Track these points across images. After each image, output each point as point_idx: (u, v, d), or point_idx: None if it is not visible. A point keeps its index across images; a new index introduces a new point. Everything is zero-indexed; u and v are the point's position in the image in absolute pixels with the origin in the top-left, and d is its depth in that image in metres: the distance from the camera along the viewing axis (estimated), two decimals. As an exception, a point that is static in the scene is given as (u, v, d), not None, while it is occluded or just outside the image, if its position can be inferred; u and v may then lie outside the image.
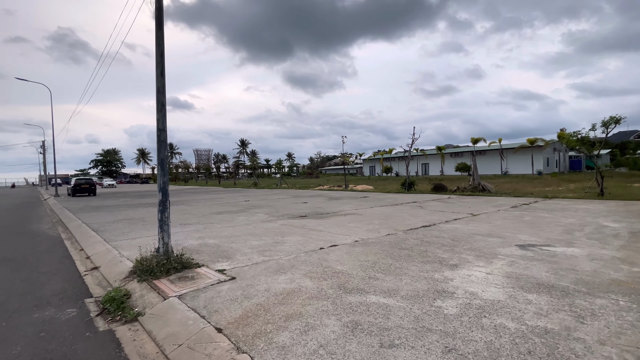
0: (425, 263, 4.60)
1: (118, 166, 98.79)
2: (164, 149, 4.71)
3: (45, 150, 43.85)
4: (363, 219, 9.01)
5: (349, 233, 7.00)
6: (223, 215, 10.73)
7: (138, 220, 9.97)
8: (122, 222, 9.78)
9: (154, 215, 11.22)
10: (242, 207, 13.38)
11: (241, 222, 9.20)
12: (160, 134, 4.67)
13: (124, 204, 16.60)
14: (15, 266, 5.45)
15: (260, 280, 4.00)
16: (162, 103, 4.69)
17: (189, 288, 3.76)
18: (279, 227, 8.00)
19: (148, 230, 8.18)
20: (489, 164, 45.23)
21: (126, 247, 6.18)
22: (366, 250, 5.38)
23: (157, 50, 4.70)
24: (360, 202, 14.14)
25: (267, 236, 6.88)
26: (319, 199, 16.56)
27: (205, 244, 6.22)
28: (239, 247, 5.91)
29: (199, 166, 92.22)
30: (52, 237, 8.53)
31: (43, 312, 3.51)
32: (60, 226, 10.39)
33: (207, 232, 7.56)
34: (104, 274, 4.89)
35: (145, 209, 13.56)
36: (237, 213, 11.38)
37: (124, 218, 10.69)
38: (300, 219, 9.39)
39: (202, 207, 14.18)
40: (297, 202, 15.08)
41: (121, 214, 11.87)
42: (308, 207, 12.87)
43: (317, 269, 4.37)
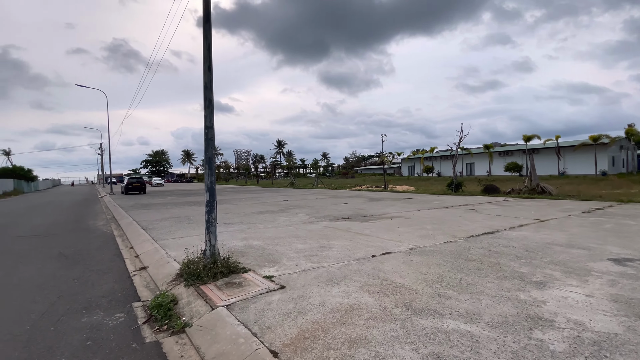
0: (503, 279, 3.91)
1: (165, 166, 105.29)
2: (211, 147, 4.48)
3: (103, 152, 47.64)
4: (413, 223, 8.32)
5: (400, 239, 6.41)
6: (264, 215, 10.59)
7: (184, 219, 10.12)
8: (169, 220, 9.98)
9: (199, 213, 11.39)
10: (282, 207, 13.22)
11: (283, 222, 8.94)
12: (207, 131, 4.45)
13: (170, 202, 17.25)
14: (69, 263, 5.56)
15: (312, 291, 3.59)
16: (210, 99, 4.47)
17: (238, 297, 3.45)
18: (322, 230, 7.60)
19: (194, 229, 8.19)
20: (544, 164, 41.50)
21: (173, 246, 6.12)
22: (426, 261, 4.77)
23: (205, 43, 4.49)
24: (405, 204, 13.35)
25: (311, 239, 6.50)
26: (359, 200, 15.99)
27: (249, 246, 5.98)
28: (284, 250, 5.58)
29: (239, 166, 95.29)
30: (105, 233, 8.86)
31: (91, 316, 3.38)
32: (113, 223, 10.86)
33: (250, 233, 7.37)
34: (151, 275, 4.79)
35: (190, 208, 13.89)
36: (278, 213, 11.19)
37: (171, 216, 10.93)
38: (344, 222, 8.92)
39: (243, 206, 14.25)
40: (337, 203, 14.64)
41: (168, 212, 12.21)
42: (349, 208, 12.37)
43: (374, 281, 3.87)
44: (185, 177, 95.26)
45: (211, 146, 4.50)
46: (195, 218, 10.27)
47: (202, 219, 10.43)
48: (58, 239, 7.92)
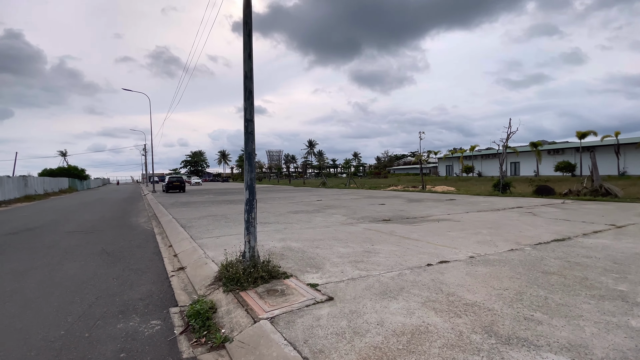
0: (600, 299, 3.17)
1: (203, 166, 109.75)
2: (251, 142, 4.14)
3: (146, 153, 50.41)
4: (464, 227, 7.54)
5: (455, 245, 5.72)
6: (300, 215, 10.25)
7: (221, 218, 10.05)
8: (206, 218, 9.95)
9: (235, 212, 11.32)
10: (316, 207, 12.84)
11: (319, 223, 8.52)
12: (247, 124, 4.12)
13: (208, 201, 17.54)
14: (110, 261, 5.52)
15: (365, 305, 3.10)
16: (250, 90, 4.13)
17: (281, 308, 3.05)
18: (364, 232, 7.07)
19: (230, 228, 8.02)
20: (601, 163, 37.63)
21: (211, 246, 5.91)
22: (494, 272, 4.10)
23: (245, 29, 4.16)
24: (449, 206, 12.42)
25: (353, 242, 6.00)
26: (396, 201, 15.21)
27: (288, 248, 5.61)
28: (325, 254, 5.14)
29: (271, 166, 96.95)
30: (146, 230, 8.97)
31: (127, 321, 3.14)
32: (154, 220, 11.07)
33: (288, 234, 7.02)
34: (189, 277, 4.55)
35: (227, 206, 13.94)
36: (313, 213, 10.81)
37: (208, 214, 10.94)
38: (385, 224, 8.32)
39: (278, 205, 14.06)
40: (374, 204, 13.99)
41: (206, 211, 12.29)
42: (388, 209, 11.70)
43: (437, 297, 3.30)
44: (221, 177, 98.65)
45: (251, 140, 4.16)
46: (232, 217, 10.17)
47: (239, 218, 10.32)
48: (102, 236, 8.09)
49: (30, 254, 6.11)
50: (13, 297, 3.86)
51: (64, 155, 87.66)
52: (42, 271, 4.94)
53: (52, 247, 6.68)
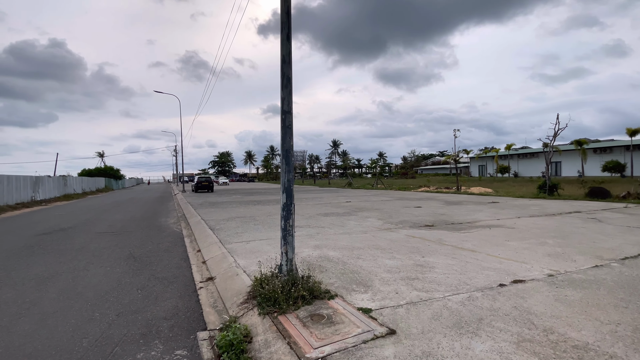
0: None
1: (230, 166, 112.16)
2: (289, 137, 3.56)
3: (177, 154, 51.92)
4: (524, 236, 6.60)
5: (522, 258, 4.86)
6: (331, 218, 9.62)
7: (249, 219, 9.64)
8: (235, 220, 9.58)
9: (263, 214, 10.90)
10: (347, 209, 12.16)
11: (354, 228, 7.85)
12: (285, 117, 3.55)
13: (235, 201, 17.36)
14: (137, 267, 5.15)
15: (440, 344, 2.41)
16: (288, 77, 3.56)
17: (332, 343, 2.43)
18: (407, 240, 6.33)
19: (260, 231, 7.54)
20: (657, 163, 34.28)
21: (241, 252, 5.42)
22: (591, 298, 3.26)
23: (283, 6, 3.59)
24: (495, 210, 11.33)
25: (399, 253, 5.29)
26: (433, 203, 14.22)
27: (326, 258, 4.99)
28: (370, 267, 4.47)
29: (295, 166, 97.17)
30: (174, 233, 8.69)
31: (149, 350, 2.65)
32: (183, 221, 10.87)
33: (322, 240, 6.42)
34: (219, 291, 4.05)
35: (254, 207, 13.60)
36: (345, 216, 10.15)
37: (237, 216, 10.59)
38: (429, 230, 7.52)
39: (305, 206, 13.52)
40: (408, 206, 13.11)
41: (234, 212, 11.97)
42: (427, 213, 10.82)
43: (532, 334, 2.55)
44: (247, 177, 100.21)
45: (289, 135, 3.58)
46: (261, 219, 9.72)
47: (268, 221, 9.86)
48: (131, 237, 7.87)
49: (58, 257, 5.90)
50: (31, 310, 3.51)
51: (102, 156, 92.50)
52: (66, 278, 4.64)
53: (80, 250, 6.47)
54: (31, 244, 7.21)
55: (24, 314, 3.40)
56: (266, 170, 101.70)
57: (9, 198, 17.10)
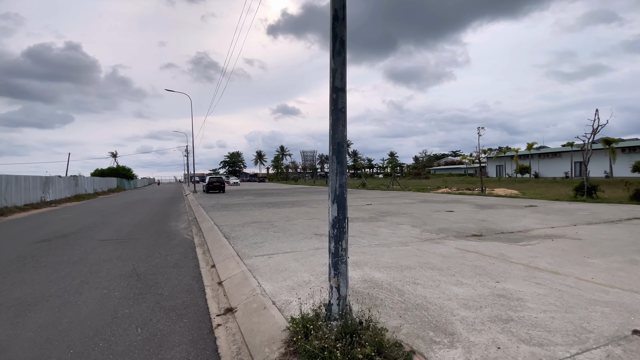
0: None
1: (240, 166, 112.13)
2: (342, 125, 2.56)
3: (188, 154, 51.65)
4: (601, 251, 5.44)
5: (627, 285, 3.75)
6: (358, 225, 8.59)
7: (267, 225, 8.67)
8: (251, 225, 8.63)
9: (281, 218, 9.93)
10: (371, 213, 11.10)
11: (390, 237, 6.81)
12: (336, 97, 2.54)
13: (248, 203, 16.47)
14: (139, 290, 4.22)
15: None
16: (342, 39, 2.55)
17: None
18: (463, 256, 5.25)
19: (281, 241, 6.56)
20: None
21: (265, 272, 4.44)
22: None
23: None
24: (539, 215, 10.11)
25: (462, 275, 4.23)
26: (464, 207, 13.03)
27: (373, 282, 3.97)
28: (437, 298, 3.43)
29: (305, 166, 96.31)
30: (185, 240, 7.79)
31: None
32: (194, 226, 9.99)
33: (358, 254, 5.39)
34: (243, 332, 3.06)
35: (270, 210, 12.65)
36: (372, 222, 9.09)
37: (253, 220, 9.65)
38: (480, 241, 6.42)
39: (324, 209, 12.52)
40: (439, 210, 11.97)
41: (249, 215, 11.05)
42: (463, 218, 9.68)
43: None
44: (258, 177, 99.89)
45: (342, 123, 2.57)
46: (280, 225, 8.75)
47: (288, 227, 8.86)
48: (137, 247, 7.00)
49: (50, 273, 5.03)
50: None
51: (114, 157, 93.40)
52: (52, 305, 3.74)
53: (77, 263, 5.60)
54: (25, 254, 6.39)
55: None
56: (276, 171, 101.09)
57: (17, 199, 16.59)
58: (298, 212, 12.00)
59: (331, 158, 2.61)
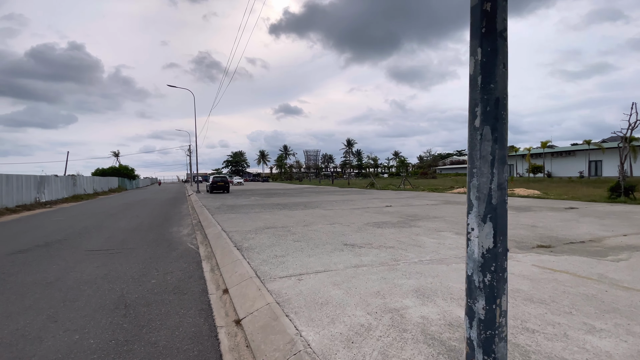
0: None
1: (243, 166, 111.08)
2: (503, 66, 1.31)
3: (191, 153, 50.57)
4: None
5: None
6: (390, 231, 7.34)
7: (284, 232, 7.43)
8: (265, 232, 7.40)
9: (296, 223, 8.68)
10: (397, 217, 9.84)
11: (441, 250, 5.56)
12: (493, 9, 1.29)
13: (256, 204, 15.25)
14: (125, 335, 3.00)
15: None
16: None
17: None
18: (553, 279, 4.00)
19: (306, 253, 5.32)
20: None
21: (299, 304, 3.20)
22: None
23: None
24: (595, 220, 8.82)
25: (586, 314, 2.99)
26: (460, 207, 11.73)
27: (461, 326, 2.72)
28: (584, 361, 2.18)
29: (310, 166, 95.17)
30: (188, 251, 6.58)
31: None
32: (199, 232, 8.78)
33: (414, 275, 4.14)
34: None
35: (282, 213, 11.41)
36: (406, 227, 7.84)
37: (265, 225, 8.42)
38: (555, 254, 5.15)
39: (342, 212, 11.25)
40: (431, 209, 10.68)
41: (259, 219, 9.82)
42: (509, 223, 8.40)
43: None
44: (261, 177, 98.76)
45: (502, 58, 1.32)
46: (298, 230, 7.51)
47: (309, 234, 7.52)
48: (130, 260, 5.79)
49: (11, 303, 3.83)
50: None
51: (117, 156, 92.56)
52: (-7, 363, 2.52)
53: (51, 286, 4.39)
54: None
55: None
56: (280, 170, 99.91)
57: (8, 200, 15.46)
58: (314, 215, 10.77)
59: (477, 130, 1.36)
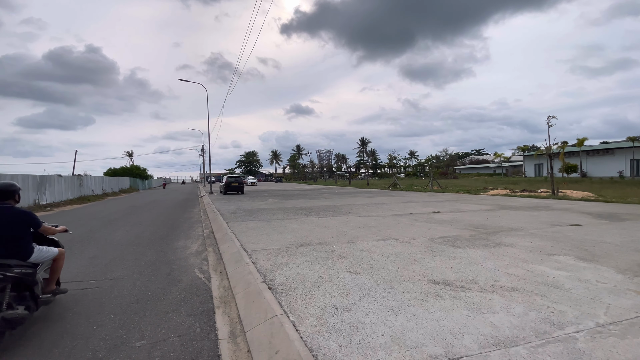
0: None
1: (256, 166, 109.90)
2: None
3: (205, 153, 49.17)
4: None
5: None
6: (478, 254, 5.14)
7: (327, 253, 5.31)
8: (300, 252, 5.32)
9: (336, 235, 6.55)
10: (463, 228, 7.60)
11: (601, 296, 3.35)
12: None
13: (276, 208, 13.21)
14: None
15: None
16: None
17: None
18: None
19: (385, 304, 3.20)
20: None
21: None
22: None
23: None
24: None
25: None
26: (574, 217, 9.36)
27: None
28: None
29: (323, 165, 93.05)
30: (196, 288, 4.56)
31: None
32: (212, 249, 6.77)
33: None
34: None
35: (310, 220, 9.31)
36: (491, 246, 5.62)
37: (297, 241, 6.34)
38: None
39: (385, 220, 9.04)
40: (557, 224, 8.37)
41: (286, 229, 7.77)
42: (622, 240, 6.08)
43: None
44: (274, 177, 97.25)
45: None
46: (344, 250, 5.39)
47: (362, 257, 4.29)
48: (104, 309, 3.81)
49: None
50: None
51: (130, 156, 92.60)
52: None
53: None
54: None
55: None
56: (293, 170, 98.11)
57: (2, 203, 13.88)
58: (352, 224, 8.64)
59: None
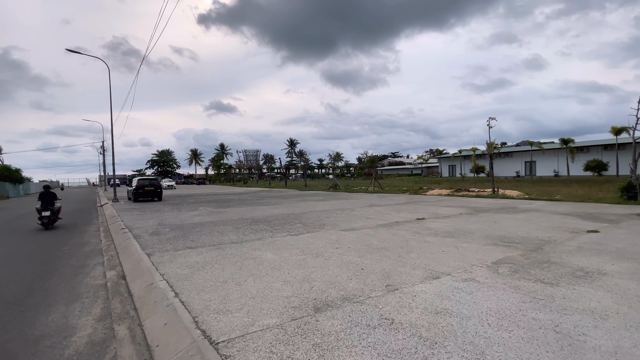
0: None
1: (173, 167, 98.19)
2: None
3: (105, 151, 40.47)
4: None
5: None
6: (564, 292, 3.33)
7: (367, 321, 2.86)
8: (325, 328, 2.76)
9: (343, 266, 4.08)
10: (482, 241, 5.95)
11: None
12: None
13: (219, 221, 9.97)
14: None
15: None
16: None
17: None
18: None
19: None
20: None
21: None
22: None
23: None
24: None
25: None
26: (567, 220, 8.71)
27: None
28: None
29: (251, 166, 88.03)
30: None
31: None
32: (129, 335, 3.62)
33: None
34: None
35: (280, 240, 6.61)
36: (584, 278, 3.94)
37: (302, 298, 3.70)
38: None
39: (383, 236, 6.95)
40: (552, 229, 7.40)
41: (261, 266, 4.98)
42: (622, 245, 5.10)
43: None
44: (195, 179, 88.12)
45: None
46: (403, 318, 3.02)
47: (441, 323, 3.21)
48: None
49: None
50: None
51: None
52: None
53: None
54: None
55: None
56: (217, 172, 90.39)
57: None
58: (350, 246, 6.26)
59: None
